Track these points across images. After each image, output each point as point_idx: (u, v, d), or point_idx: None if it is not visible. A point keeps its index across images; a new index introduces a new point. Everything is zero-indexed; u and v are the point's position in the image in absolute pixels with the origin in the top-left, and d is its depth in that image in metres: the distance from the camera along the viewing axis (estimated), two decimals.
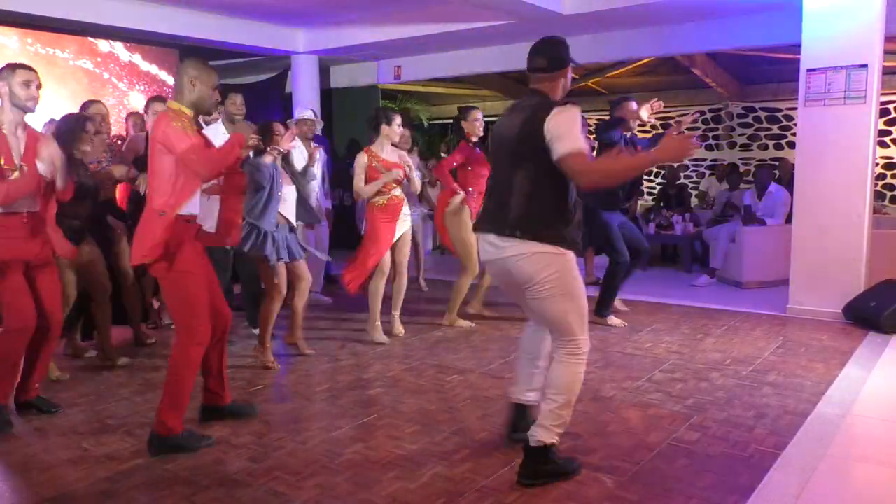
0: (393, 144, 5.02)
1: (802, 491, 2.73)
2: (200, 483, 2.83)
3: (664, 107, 5.51)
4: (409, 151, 6.23)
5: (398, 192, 4.94)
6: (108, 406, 3.75)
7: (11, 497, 2.77)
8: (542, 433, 2.77)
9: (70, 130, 3.99)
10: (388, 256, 4.98)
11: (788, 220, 6.45)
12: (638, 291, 6.62)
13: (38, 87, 3.38)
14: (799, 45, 5.66)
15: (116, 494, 2.75)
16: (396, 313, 5.27)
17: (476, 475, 2.88)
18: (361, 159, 4.86)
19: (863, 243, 5.46)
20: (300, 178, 4.87)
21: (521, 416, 3.12)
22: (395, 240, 4.97)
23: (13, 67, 3.35)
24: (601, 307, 5.46)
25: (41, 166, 3.35)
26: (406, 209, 5.01)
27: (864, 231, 5.45)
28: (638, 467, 2.94)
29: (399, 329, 5.24)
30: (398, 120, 4.94)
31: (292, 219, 4.47)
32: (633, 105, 5.32)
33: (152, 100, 5.26)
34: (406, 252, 5.14)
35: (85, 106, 4.89)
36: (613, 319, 5.47)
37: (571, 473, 2.85)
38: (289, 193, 4.45)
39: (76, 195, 3.79)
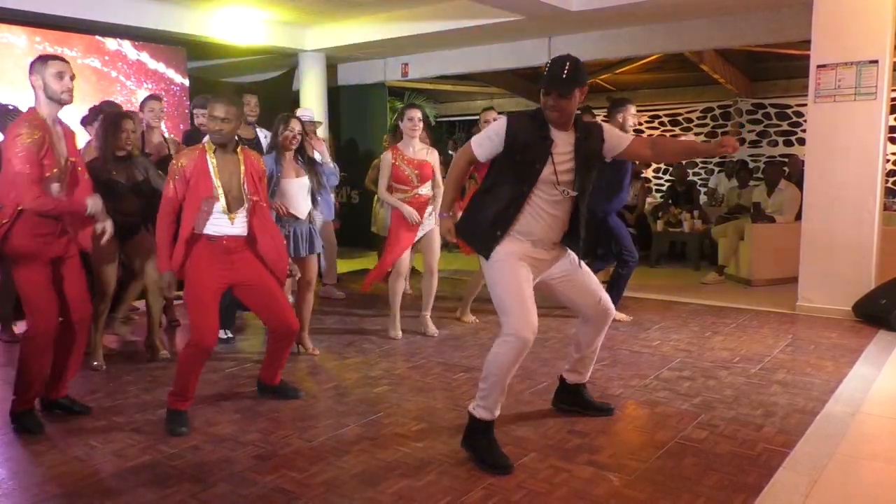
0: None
1: (811, 490, 2.71)
2: (207, 480, 2.83)
3: (673, 103, 5.55)
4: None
5: (425, 189, 4.87)
6: (116, 403, 3.77)
7: (19, 494, 2.78)
8: (472, 403, 3.05)
9: (107, 128, 4.19)
10: (405, 257, 4.95)
11: (798, 217, 6.41)
12: (646, 289, 6.59)
13: (72, 77, 3.25)
14: (809, 41, 5.62)
15: (123, 492, 2.75)
16: (427, 314, 5.16)
17: (482, 473, 2.86)
18: (387, 158, 4.83)
19: (873, 240, 5.42)
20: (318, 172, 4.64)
21: (563, 388, 3.55)
22: (416, 239, 4.93)
23: (45, 59, 3.20)
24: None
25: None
26: (430, 208, 4.92)
27: (874, 228, 5.40)
28: (645, 465, 2.93)
29: (432, 329, 5.14)
30: (409, 113, 4.83)
31: (298, 213, 4.37)
32: (632, 109, 5.30)
33: (150, 98, 5.25)
34: (436, 251, 5.03)
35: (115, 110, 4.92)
36: (620, 315, 5.43)
37: (493, 467, 2.88)
38: (289, 186, 4.32)
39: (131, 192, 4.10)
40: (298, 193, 4.36)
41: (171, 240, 3.44)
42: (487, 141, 3.01)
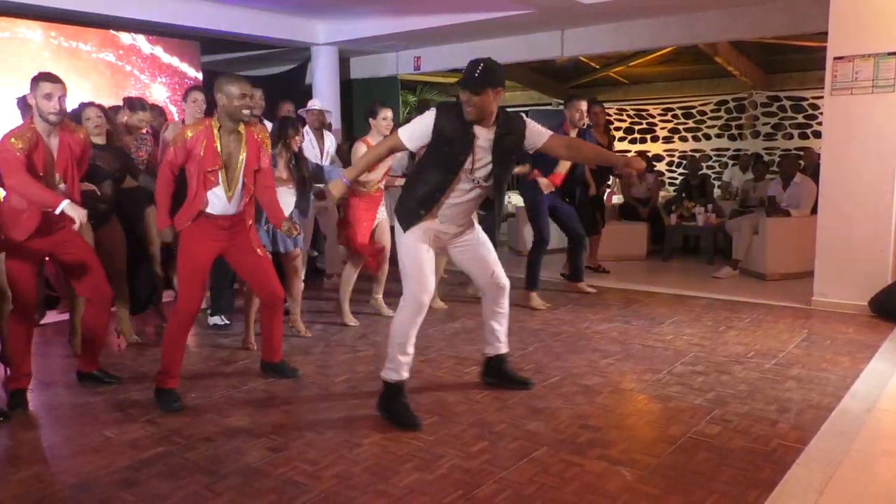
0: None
1: (826, 486, 2.69)
2: (220, 472, 2.85)
3: (687, 96, 5.75)
4: None
5: (382, 184, 5.11)
6: (131, 394, 3.80)
7: (35, 483, 2.81)
8: (383, 370, 3.37)
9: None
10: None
11: (814, 210, 6.35)
12: (659, 283, 6.56)
13: (63, 96, 3.31)
14: (825, 33, 5.55)
15: (137, 482, 2.78)
16: (379, 296, 5.49)
17: (494, 467, 2.87)
18: (361, 150, 4.88)
19: (890, 234, 5.35)
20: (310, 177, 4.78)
21: (486, 363, 3.88)
22: (373, 226, 5.15)
23: (37, 79, 3.30)
24: (527, 283, 5.78)
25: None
26: (383, 201, 5.21)
27: (891, 222, 5.34)
28: (658, 460, 2.92)
29: (387, 311, 5.40)
30: (385, 112, 5.02)
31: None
32: (583, 105, 5.66)
33: (192, 89, 5.38)
34: (387, 238, 5.21)
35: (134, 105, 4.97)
36: (536, 301, 5.69)
37: (404, 425, 3.23)
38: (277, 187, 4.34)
39: (98, 178, 4.11)
40: (283, 196, 4.42)
41: (170, 199, 3.65)
42: (418, 131, 3.26)
